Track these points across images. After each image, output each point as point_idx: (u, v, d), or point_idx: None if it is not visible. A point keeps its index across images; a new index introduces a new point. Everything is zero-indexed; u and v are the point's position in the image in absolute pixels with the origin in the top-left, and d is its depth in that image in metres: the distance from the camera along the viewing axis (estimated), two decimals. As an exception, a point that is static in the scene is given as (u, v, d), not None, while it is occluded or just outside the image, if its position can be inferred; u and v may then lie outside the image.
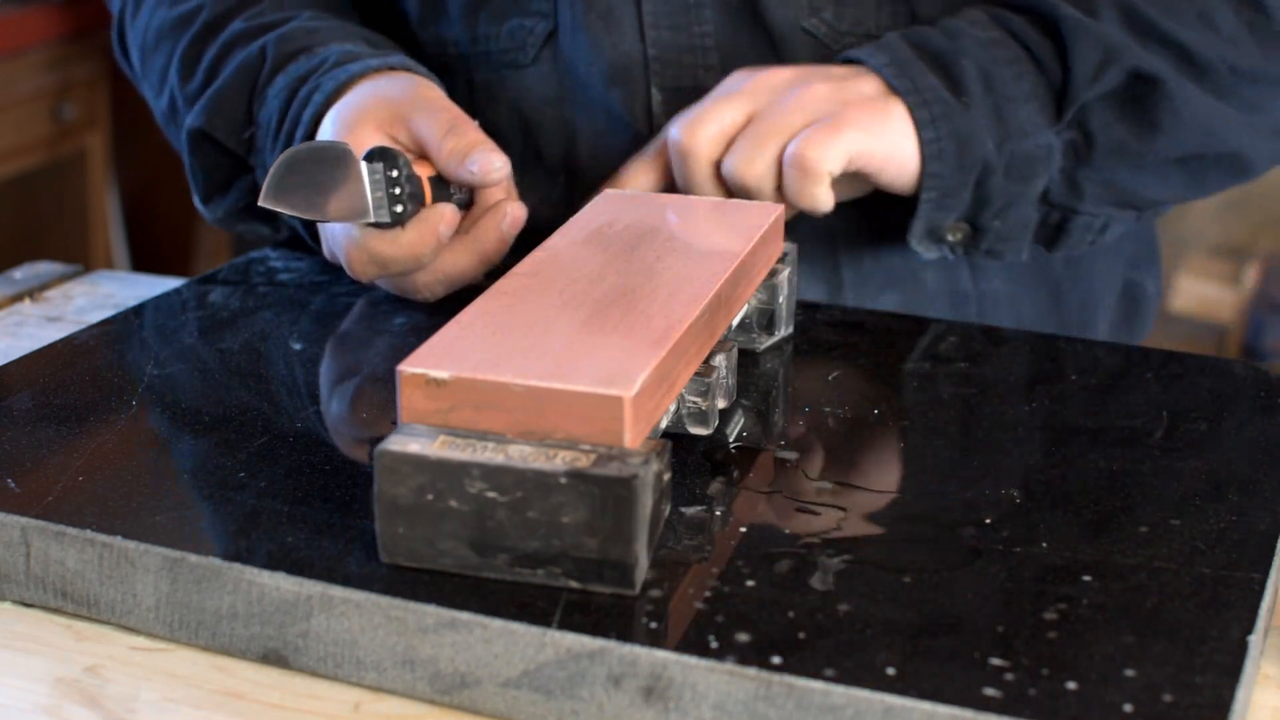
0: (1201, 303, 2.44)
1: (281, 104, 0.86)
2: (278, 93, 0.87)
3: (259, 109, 0.88)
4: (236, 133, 0.89)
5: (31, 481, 0.63)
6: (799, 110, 0.82)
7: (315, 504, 0.62)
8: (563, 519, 0.55)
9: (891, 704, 0.50)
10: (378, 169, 0.76)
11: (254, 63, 0.89)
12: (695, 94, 0.89)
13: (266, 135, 0.87)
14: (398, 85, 0.83)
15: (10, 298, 0.93)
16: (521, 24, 0.92)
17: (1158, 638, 0.54)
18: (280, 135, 0.86)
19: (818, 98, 0.82)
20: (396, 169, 0.76)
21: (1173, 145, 0.86)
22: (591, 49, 0.90)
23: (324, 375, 0.75)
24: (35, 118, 2.36)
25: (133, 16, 0.99)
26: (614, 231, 0.73)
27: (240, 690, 0.56)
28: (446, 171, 0.79)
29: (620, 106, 0.90)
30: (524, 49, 0.92)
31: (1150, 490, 0.65)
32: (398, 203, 0.76)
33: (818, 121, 0.81)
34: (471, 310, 0.63)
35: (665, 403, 0.61)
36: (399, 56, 0.87)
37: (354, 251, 0.79)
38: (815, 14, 0.89)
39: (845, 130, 0.81)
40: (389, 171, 0.76)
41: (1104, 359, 0.80)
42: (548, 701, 0.54)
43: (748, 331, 0.77)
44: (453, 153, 0.78)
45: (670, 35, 0.89)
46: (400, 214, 0.76)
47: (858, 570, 0.58)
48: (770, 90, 0.84)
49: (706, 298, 0.65)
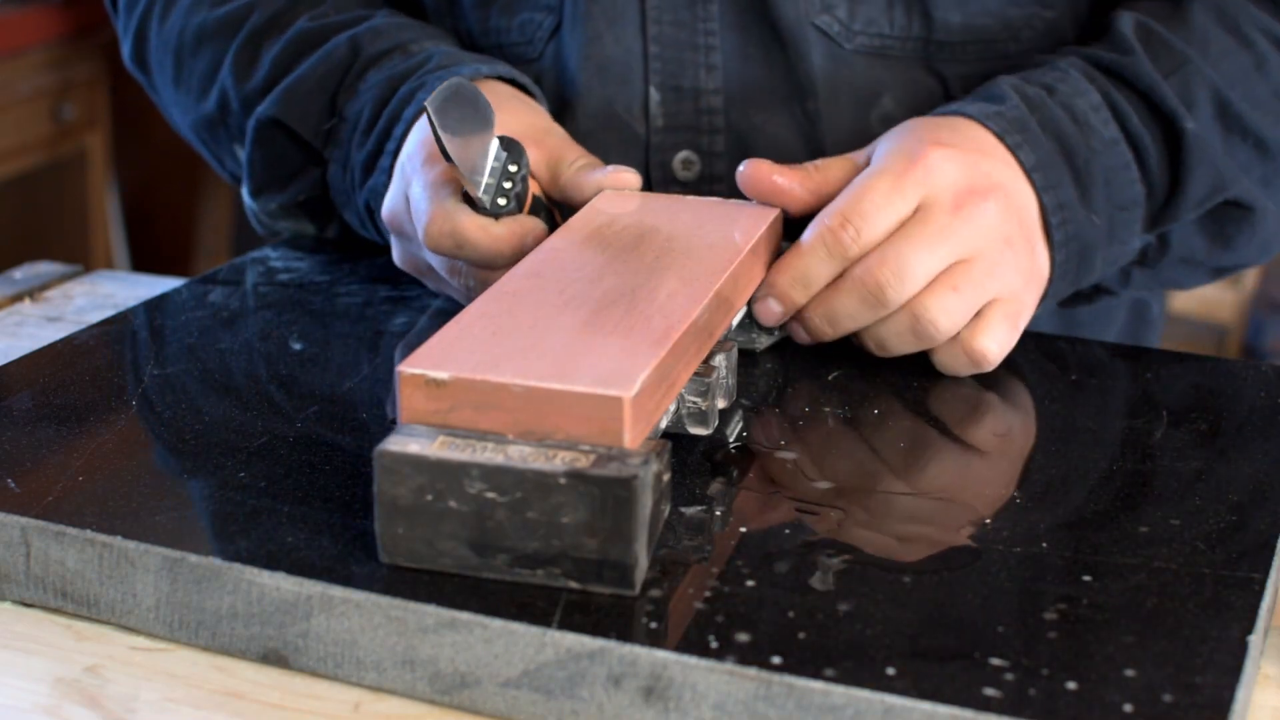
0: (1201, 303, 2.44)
1: (377, 99, 0.86)
2: (371, 87, 0.86)
3: (347, 103, 0.88)
4: (314, 124, 0.89)
5: (31, 481, 0.63)
6: (995, 278, 0.75)
7: (315, 504, 0.62)
8: (562, 519, 0.55)
9: (891, 704, 0.50)
10: (502, 155, 0.75)
11: (341, 55, 0.89)
12: (693, 95, 0.89)
13: (354, 129, 0.87)
14: (517, 102, 0.83)
15: (10, 298, 0.93)
16: (531, 17, 0.92)
17: (1158, 638, 0.54)
18: (374, 130, 0.86)
19: (1008, 265, 0.75)
20: (518, 165, 0.76)
21: (1233, 258, 0.87)
22: (591, 43, 0.89)
23: (324, 375, 0.75)
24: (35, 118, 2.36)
25: (160, 21, 0.98)
26: (613, 232, 0.73)
27: (240, 690, 0.56)
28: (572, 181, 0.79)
29: (616, 103, 0.90)
30: (532, 43, 0.92)
31: (1150, 490, 0.65)
32: (502, 195, 0.75)
33: (999, 301, 0.75)
34: (471, 311, 0.63)
35: (665, 403, 0.61)
36: (505, 66, 0.86)
37: (439, 218, 0.75)
38: (828, 10, 0.88)
39: (1020, 324, 0.76)
40: (509, 165, 0.76)
41: (1104, 359, 0.80)
42: (548, 701, 0.54)
43: (747, 331, 0.77)
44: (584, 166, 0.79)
45: (673, 31, 0.89)
46: (501, 207, 0.75)
47: (858, 570, 0.58)
48: (963, 224, 0.75)
49: (706, 298, 0.65)
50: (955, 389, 0.75)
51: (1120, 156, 0.80)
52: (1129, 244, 0.82)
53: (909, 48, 0.89)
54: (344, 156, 0.88)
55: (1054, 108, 0.80)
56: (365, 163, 0.86)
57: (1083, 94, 0.81)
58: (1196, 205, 0.82)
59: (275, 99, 0.89)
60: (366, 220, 0.89)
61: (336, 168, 0.89)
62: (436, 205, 0.75)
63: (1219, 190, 0.82)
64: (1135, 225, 0.82)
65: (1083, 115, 0.80)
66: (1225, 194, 0.82)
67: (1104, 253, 0.81)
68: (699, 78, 0.89)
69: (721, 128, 0.89)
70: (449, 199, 0.75)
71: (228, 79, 0.93)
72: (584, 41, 0.89)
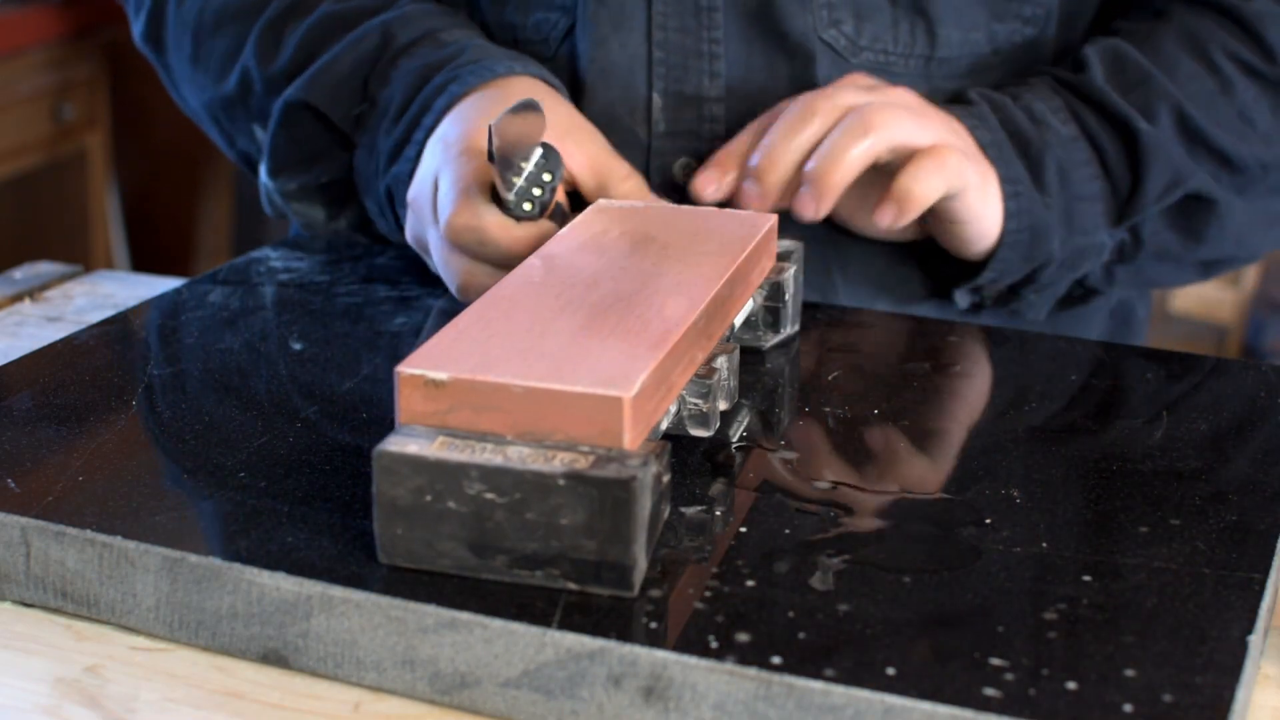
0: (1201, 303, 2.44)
1: (409, 86, 0.87)
2: (404, 75, 0.87)
3: (379, 88, 0.88)
4: (345, 108, 0.90)
5: (31, 481, 0.63)
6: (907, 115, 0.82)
7: (315, 504, 0.62)
8: (561, 520, 0.55)
9: (891, 704, 0.50)
10: (540, 161, 0.76)
11: (373, 41, 0.90)
12: (695, 101, 0.89)
13: (384, 115, 0.88)
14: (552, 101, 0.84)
15: (10, 298, 0.93)
16: (546, 17, 0.92)
17: (1158, 638, 0.54)
18: (404, 118, 0.86)
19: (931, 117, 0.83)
20: (552, 175, 0.76)
21: (1209, 251, 0.91)
22: (597, 46, 0.90)
23: (324, 375, 0.75)
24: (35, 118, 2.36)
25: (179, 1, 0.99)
26: (609, 239, 0.73)
27: (240, 690, 0.56)
28: None
29: (619, 107, 0.90)
30: (547, 42, 0.93)
31: (1150, 490, 0.65)
32: (529, 200, 0.76)
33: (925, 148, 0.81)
34: (469, 313, 0.63)
35: (663, 406, 0.61)
36: (536, 65, 0.87)
37: (465, 211, 0.76)
38: (835, 25, 0.89)
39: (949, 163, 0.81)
40: (544, 173, 0.76)
41: (1104, 359, 0.80)
42: (548, 701, 0.54)
43: (753, 329, 0.77)
44: (628, 195, 0.81)
45: (678, 38, 0.89)
46: (526, 212, 0.76)
47: (858, 570, 0.58)
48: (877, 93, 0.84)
49: (703, 302, 0.65)
50: (955, 389, 0.75)
51: (1079, 152, 0.87)
52: (1094, 236, 0.87)
53: (911, 65, 0.91)
54: (371, 142, 0.89)
55: (1014, 109, 0.87)
56: (392, 150, 0.87)
57: (1044, 99, 0.88)
58: (1157, 199, 0.87)
59: (305, 82, 0.90)
60: (386, 207, 0.90)
61: (364, 152, 0.90)
62: (464, 199, 0.77)
63: (1178, 184, 0.87)
64: (1099, 219, 0.87)
65: (1041, 115, 0.87)
66: (1185, 187, 0.87)
67: (1063, 239, 0.86)
68: (702, 84, 0.89)
69: (723, 134, 0.90)
70: (477, 195, 0.76)
71: (250, 60, 0.94)
72: (591, 44, 0.90)
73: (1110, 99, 0.87)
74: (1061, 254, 0.87)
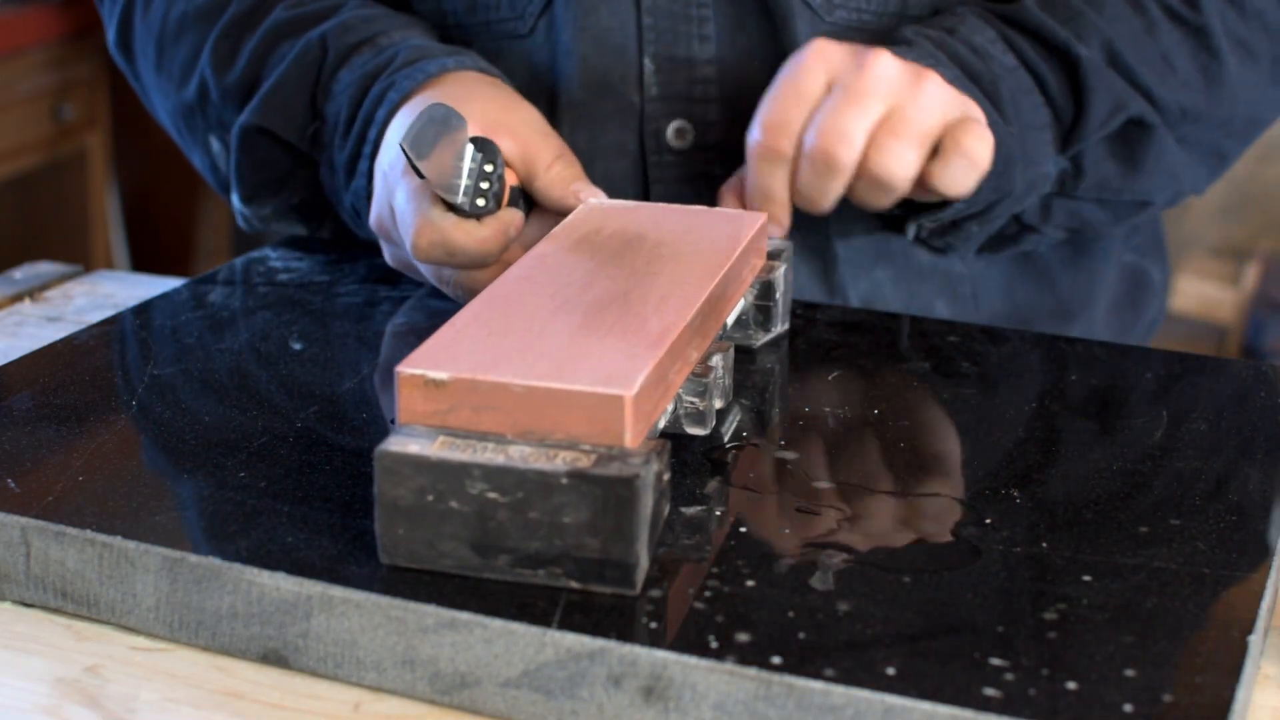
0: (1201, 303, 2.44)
1: (352, 99, 0.86)
2: (345, 88, 0.87)
3: (324, 104, 0.88)
4: (299, 129, 0.89)
5: (31, 481, 0.63)
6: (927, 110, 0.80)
7: (315, 504, 0.62)
8: (564, 519, 0.55)
9: (891, 704, 0.50)
10: (477, 157, 0.76)
11: (313, 56, 0.89)
12: (686, 65, 0.89)
13: (335, 131, 0.88)
14: (488, 89, 0.84)
15: (10, 298, 0.93)
16: None
17: (1158, 638, 0.54)
18: (352, 132, 0.86)
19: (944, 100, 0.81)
20: (493, 164, 0.77)
21: (1145, 188, 0.91)
22: (586, 15, 0.90)
23: (324, 375, 0.75)
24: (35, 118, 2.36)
25: (144, 9, 0.99)
26: (601, 239, 0.73)
27: (240, 690, 0.56)
28: (547, 191, 0.81)
29: (611, 74, 0.90)
30: (523, 18, 0.92)
31: (1150, 490, 0.65)
32: (481, 196, 0.76)
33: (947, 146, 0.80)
34: (466, 313, 0.63)
35: (662, 404, 0.61)
36: (471, 56, 0.87)
37: (425, 230, 0.76)
38: None
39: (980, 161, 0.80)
40: (484, 165, 0.77)
41: (1104, 359, 0.80)
42: (548, 701, 0.54)
43: (744, 328, 0.78)
44: (560, 177, 0.81)
45: (666, 3, 0.89)
46: (481, 208, 0.76)
47: (858, 570, 0.58)
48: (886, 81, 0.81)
49: (699, 301, 0.65)
50: (955, 389, 0.75)
51: (1022, 81, 0.86)
52: (1043, 166, 0.87)
53: (884, 22, 0.91)
54: (329, 158, 0.89)
55: (956, 44, 0.86)
56: (347, 165, 0.87)
57: (979, 31, 0.87)
58: (1101, 125, 0.87)
59: (257, 106, 0.90)
60: (355, 219, 0.91)
61: (325, 168, 0.90)
62: (421, 216, 0.77)
63: (1121, 108, 0.87)
64: (1047, 147, 0.87)
65: (982, 48, 0.86)
66: (1128, 112, 0.87)
67: (1021, 170, 0.86)
68: (692, 48, 0.90)
69: (715, 97, 0.90)
70: (432, 208, 0.77)
71: (207, 68, 0.94)
72: (579, 14, 0.90)
73: (1049, 27, 0.86)
74: (1019, 185, 0.86)
